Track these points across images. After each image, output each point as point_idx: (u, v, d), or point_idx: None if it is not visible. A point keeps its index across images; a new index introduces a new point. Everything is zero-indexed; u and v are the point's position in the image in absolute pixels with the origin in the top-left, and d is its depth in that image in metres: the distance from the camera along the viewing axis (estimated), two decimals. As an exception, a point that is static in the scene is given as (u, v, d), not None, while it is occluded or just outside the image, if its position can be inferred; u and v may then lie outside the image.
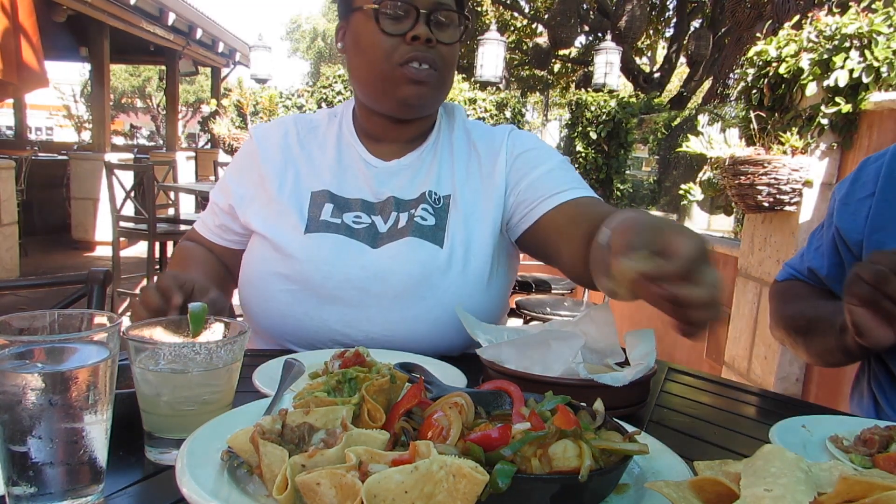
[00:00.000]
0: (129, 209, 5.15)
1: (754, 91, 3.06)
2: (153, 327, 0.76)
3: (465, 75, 7.98)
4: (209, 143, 12.82)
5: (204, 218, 1.36)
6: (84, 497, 0.60)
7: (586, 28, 11.84)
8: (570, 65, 14.94)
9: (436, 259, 1.17)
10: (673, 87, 13.55)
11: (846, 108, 2.66)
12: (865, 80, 2.59)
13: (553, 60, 13.27)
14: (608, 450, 0.59)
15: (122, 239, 5.30)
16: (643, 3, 9.65)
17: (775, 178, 2.80)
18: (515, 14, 14.29)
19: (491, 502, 0.52)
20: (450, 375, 0.97)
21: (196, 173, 11.18)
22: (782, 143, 2.83)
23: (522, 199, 1.24)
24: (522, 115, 7.82)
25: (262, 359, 1.00)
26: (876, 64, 2.55)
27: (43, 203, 8.73)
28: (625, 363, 0.96)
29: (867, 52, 2.57)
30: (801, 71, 2.77)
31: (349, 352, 0.76)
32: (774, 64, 2.91)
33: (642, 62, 14.26)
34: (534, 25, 14.21)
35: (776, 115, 2.95)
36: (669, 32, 13.08)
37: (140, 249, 7.11)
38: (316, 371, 0.77)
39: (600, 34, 10.82)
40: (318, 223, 1.20)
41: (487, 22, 12.35)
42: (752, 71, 3.06)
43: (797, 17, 2.99)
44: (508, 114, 7.48)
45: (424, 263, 1.16)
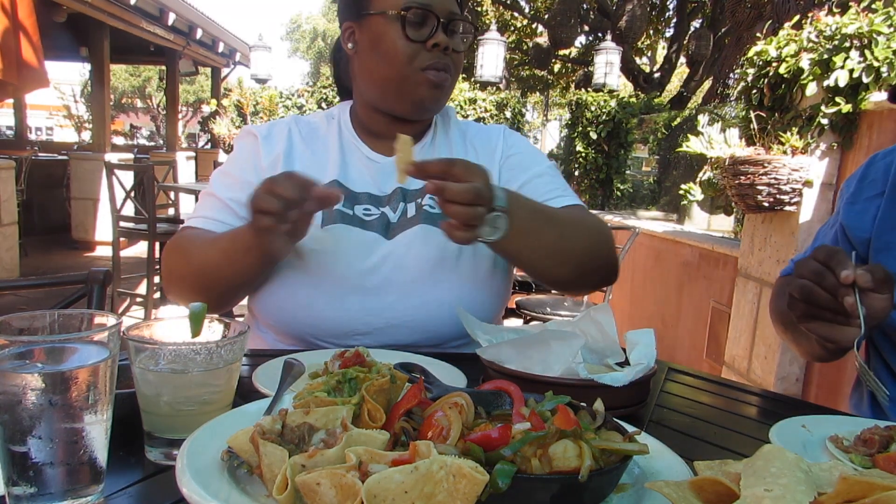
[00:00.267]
0: (129, 209, 5.15)
1: (754, 91, 3.06)
2: (153, 327, 0.76)
3: (465, 75, 7.98)
4: (209, 143, 12.82)
5: (202, 213, 1.28)
6: (84, 497, 0.60)
7: (586, 28, 11.84)
8: (570, 65, 14.93)
9: (449, 243, 1.19)
10: (673, 87, 13.55)
11: (846, 108, 2.66)
12: (865, 80, 2.59)
13: (553, 60, 13.27)
14: (608, 450, 0.59)
15: (122, 239, 5.30)
16: (643, 3, 9.65)
17: (775, 178, 2.81)
18: (515, 14, 14.29)
19: (491, 502, 0.52)
20: (450, 375, 0.97)
21: (196, 173, 11.18)
22: (782, 143, 2.83)
23: None
24: (522, 115, 7.82)
25: (262, 359, 1.00)
26: (876, 64, 2.55)
27: (43, 203, 8.74)
28: (625, 363, 0.96)
29: (867, 52, 2.57)
30: (801, 71, 2.77)
31: (349, 352, 0.76)
32: (774, 64, 2.91)
33: (642, 62, 14.25)
34: (534, 25, 14.21)
35: (776, 115, 2.95)
36: (669, 32, 13.09)
37: (140, 249, 7.11)
38: (316, 371, 0.77)
39: (600, 34, 10.82)
40: (333, 214, 1.22)
41: (487, 22, 12.35)
42: (752, 71, 3.06)
43: (797, 17, 2.99)
44: (508, 114, 7.48)
45: (439, 248, 1.22)
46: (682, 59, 11.79)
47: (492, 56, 7.20)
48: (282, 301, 1.21)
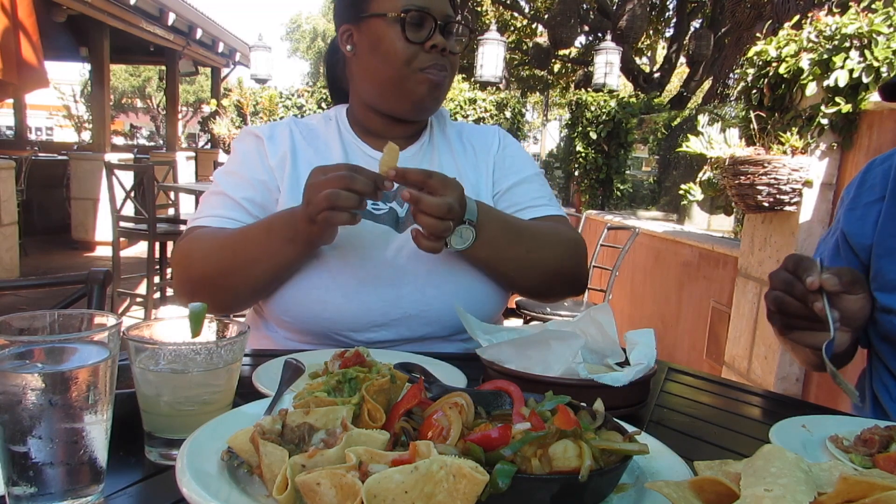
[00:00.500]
0: (129, 209, 5.15)
1: (754, 91, 3.06)
2: (153, 327, 0.76)
3: (465, 75, 7.98)
4: (209, 144, 12.82)
5: (211, 213, 1.26)
6: (84, 497, 0.60)
7: (586, 28, 11.84)
8: (570, 65, 14.93)
9: None
10: (673, 87, 13.55)
11: (846, 108, 2.66)
12: (865, 80, 2.59)
13: (553, 60, 13.27)
14: (608, 450, 0.59)
15: (122, 239, 5.30)
16: (643, 3, 9.64)
17: (775, 178, 2.81)
18: (515, 14, 14.29)
19: (491, 502, 0.52)
20: (450, 375, 0.97)
21: (196, 173, 11.19)
22: (782, 143, 2.83)
23: (497, 202, 1.37)
24: (522, 115, 7.82)
25: (262, 359, 1.00)
26: (876, 64, 2.55)
27: (43, 203, 8.73)
28: (625, 363, 0.96)
29: (867, 53, 2.57)
30: (801, 71, 2.77)
31: (349, 352, 0.76)
32: (774, 64, 2.91)
33: (642, 62, 14.25)
34: (534, 25, 14.21)
35: (776, 115, 2.95)
36: (669, 32, 13.08)
37: (140, 249, 7.12)
38: (316, 371, 0.77)
39: (600, 34, 10.81)
40: None
41: (487, 22, 12.35)
42: (752, 71, 3.06)
43: (797, 17, 2.99)
44: (508, 114, 7.48)
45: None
46: (682, 59, 11.79)
47: (492, 56, 7.20)
48: (299, 297, 1.21)
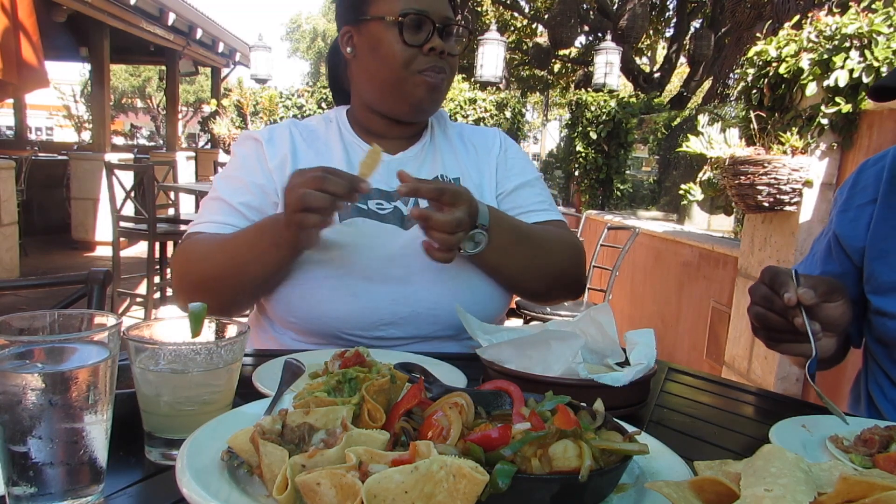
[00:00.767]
0: (129, 209, 5.15)
1: (754, 91, 3.06)
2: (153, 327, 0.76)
3: (465, 75, 7.98)
4: (209, 144, 12.82)
5: (210, 218, 1.26)
6: (84, 497, 0.60)
7: (586, 28, 11.84)
8: (570, 65, 14.93)
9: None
10: (673, 87, 13.54)
11: (846, 108, 2.66)
12: (865, 80, 2.59)
13: (553, 60, 13.27)
14: (608, 450, 0.59)
15: (122, 239, 5.30)
16: (644, 3, 9.64)
17: (775, 178, 2.81)
18: (515, 14, 14.29)
19: (491, 502, 0.52)
20: (450, 375, 0.97)
21: (196, 173, 11.19)
22: (782, 143, 2.83)
23: (499, 204, 1.37)
24: (522, 115, 7.82)
25: (262, 359, 1.00)
26: (876, 64, 2.55)
27: (43, 203, 8.73)
28: (625, 363, 0.96)
29: (867, 52, 2.57)
30: (801, 71, 2.77)
31: (349, 352, 0.76)
32: (774, 64, 2.91)
33: (642, 62, 14.25)
34: (534, 25, 14.21)
35: (776, 115, 2.95)
36: (669, 32, 13.08)
37: (140, 249, 7.12)
38: (316, 371, 0.77)
39: (600, 34, 10.82)
40: (350, 208, 1.24)
41: (487, 22, 12.35)
42: (752, 71, 3.06)
43: (797, 17, 2.99)
44: (508, 114, 7.47)
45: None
46: (682, 59, 11.80)
47: (492, 56, 7.20)
48: (307, 297, 1.21)
